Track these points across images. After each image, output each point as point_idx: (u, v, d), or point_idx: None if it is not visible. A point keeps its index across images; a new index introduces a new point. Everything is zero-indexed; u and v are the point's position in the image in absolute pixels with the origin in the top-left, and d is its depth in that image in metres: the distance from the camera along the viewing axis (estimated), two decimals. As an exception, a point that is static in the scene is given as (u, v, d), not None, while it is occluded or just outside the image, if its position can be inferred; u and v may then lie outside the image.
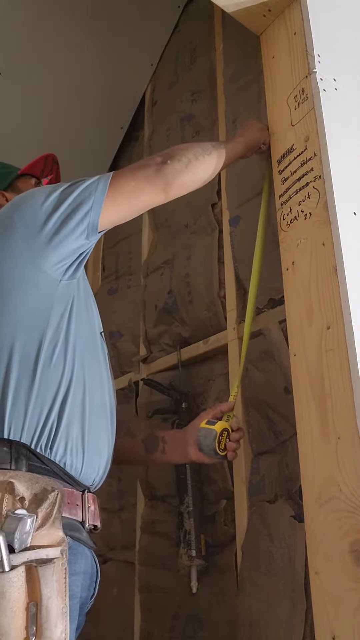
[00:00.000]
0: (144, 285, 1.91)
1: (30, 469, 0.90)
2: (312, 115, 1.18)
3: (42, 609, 0.77)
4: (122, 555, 1.71)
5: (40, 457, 0.93)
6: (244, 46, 1.68)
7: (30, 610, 0.76)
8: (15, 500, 0.83)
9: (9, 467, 0.88)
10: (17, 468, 0.89)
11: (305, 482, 1.00)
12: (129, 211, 1.15)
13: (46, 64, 2.10)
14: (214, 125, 1.80)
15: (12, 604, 0.75)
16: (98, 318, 1.17)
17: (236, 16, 1.40)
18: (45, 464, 0.93)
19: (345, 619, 0.86)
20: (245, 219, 1.51)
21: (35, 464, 0.91)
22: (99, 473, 1.05)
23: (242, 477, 1.31)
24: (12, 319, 0.99)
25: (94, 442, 1.02)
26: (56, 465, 0.95)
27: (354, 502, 0.89)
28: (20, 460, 0.90)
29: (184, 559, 1.35)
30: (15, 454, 0.90)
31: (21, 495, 0.83)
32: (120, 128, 2.38)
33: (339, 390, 0.97)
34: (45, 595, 0.78)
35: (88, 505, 0.99)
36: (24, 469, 0.89)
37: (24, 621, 0.76)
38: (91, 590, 1.00)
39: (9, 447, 0.90)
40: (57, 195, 1.06)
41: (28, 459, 0.91)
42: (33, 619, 0.76)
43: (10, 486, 0.83)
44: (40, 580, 0.78)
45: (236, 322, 1.46)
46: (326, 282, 1.05)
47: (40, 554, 0.81)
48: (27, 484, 0.85)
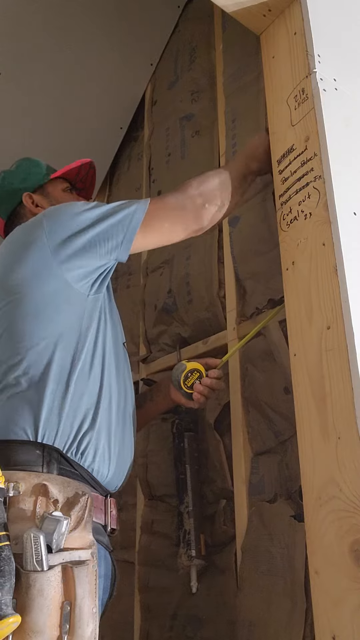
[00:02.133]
0: (143, 285, 1.91)
1: (61, 473, 0.92)
2: (312, 115, 1.18)
3: (75, 608, 0.81)
4: (122, 555, 1.71)
5: (71, 461, 0.95)
6: (243, 46, 1.68)
7: (64, 609, 0.80)
8: (50, 503, 0.86)
9: (41, 470, 0.90)
10: (48, 471, 0.91)
11: (305, 482, 1.00)
12: (156, 245, 1.20)
13: (46, 64, 2.10)
14: (213, 125, 1.80)
15: (49, 602, 0.79)
16: (121, 329, 1.21)
17: (236, 16, 1.40)
18: (75, 468, 0.95)
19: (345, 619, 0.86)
20: (245, 219, 1.51)
21: (65, 468, 0.94)
22: (122, 479, 1.08)
23: (242, 477, 1.31)
24: (49, 333, 1.01)
25: (120, 450, 1.05)
26: (85, 470, 0.97)
27: (354, 502, 0.89)
28: (52, 463, 0.92)
29: (184, 558, 1.35)
30: (48, 457, 0.92)
31: (55, 497, 0.87)
32: (120, 128, 2.38)
33: (339, 390, 0.97)
34: (79, 595, 0.82)
35: (110, 510, 1.01)
36: (55, 472, 0.91)
37: (58, 619, 0.79)
38: (108, 592, 1.03)
39: (41, 451, 0.92)
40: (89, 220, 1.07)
41: (59, 463, 0.93)
42: (66, 618, 0.80)
43: (44, 488, 0.86)
44: (75, 580, 0.82)
45: (236, 322, 1.46)
46: (326, 282, 1.05)
47: (74, 555, 0.84)
48: (59, 487, 0.88)
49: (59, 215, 1.09)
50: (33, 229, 1.09)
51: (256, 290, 1.42)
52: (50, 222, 1.07)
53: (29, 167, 1.39)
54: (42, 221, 1.08)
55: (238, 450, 1.33)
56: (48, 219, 1.08)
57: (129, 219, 1.08)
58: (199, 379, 1.26)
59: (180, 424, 1.49)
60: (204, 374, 1.26)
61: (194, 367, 1.26)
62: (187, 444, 1.45)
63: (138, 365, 1.81)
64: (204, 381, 1.25)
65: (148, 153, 2.14)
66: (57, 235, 1.05)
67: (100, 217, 1.07)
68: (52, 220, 1.07)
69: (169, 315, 1.72)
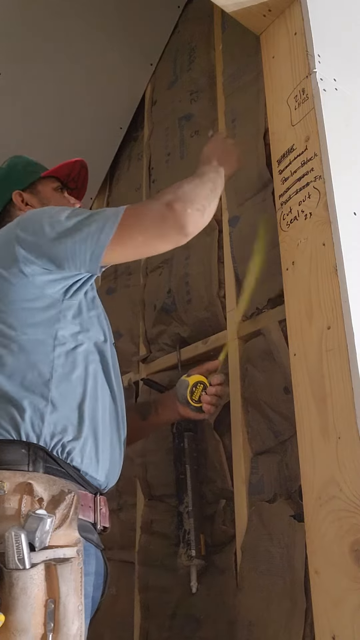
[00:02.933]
0: (143, 285, 1.91)
1: (47, 471, 0.92)
2: (313, 115, 1.18)
3: (59, 606, 0.81)
4: (122, 555, 1.71)
5: (57, 459, 0.95)
6: (243, 46, 1.68)
7: (48, 607, 0.80)
8: (34, 501, 0.86)
9: (27, 469, 0.90)
10: (34, 470, 0.91)
11: (305, 482, 1.00)
12: (133, 258, 1.17)
13: (46, 64, 2.10)
14: (213, 125, 1.80)
15: (32, 600, 0.79)
16: (109, 330, 1.19)
17: (236, 16, 1.40)
18: (61, 466, 0.95)
19: (345, 619, 0.86)
20: (245, 219, 1.51)
21: (52, 467, 0.93)
22: (111, 480, 1.08)
23: (242, 477, 1.31)
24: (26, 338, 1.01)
25: (107, 453, 1.04)
26: (72, 468, 0.97)
27: (354, 501, 0.89)
28: (37, 462, 0.92)
29: (184, 558, 1.35)
30: (33, 456, 0.92)
31: (40, 496, 0.87)
32: (120, 128, 2.37)
33: (339, 390, 0.97)
34: (63, 593, 0.82)
35: (100, 508, 1.02)
36: (41, 471, 0.91)
37: (42, 617, 0.79)
38: (100, 590, 1.03)
39: (27, 450, 0.92)
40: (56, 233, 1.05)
41: (45, 462, 0.93)
42: (51, 616, 0.80)
43: (29, 487, 0.87)
44: (59, 578, 0.82)
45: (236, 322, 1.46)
46: (326, 282, 1.05)
47: (58, 553, 0.84)
48: (44, 485, 0.88)
49: (30, 223, 1.08)
50: (7, 235, 1.10)
51: (256, 290, 1.42)
52: (22, 229, 1.07)
53: (20, 164, 1.39)
54: (16, 229, 1.08)
55: (238, 450, 1.33)
56: (21, 227, 1.08)
57: (97, 235, 1.03)
58: (204, 390, 1.26)
59: (180, 424, 1.48)
60: (208, 384, 1.26)
61: (196, 380, 1.26)
62: (186, 444, 1.45)
63: (138, 365, 1.81)
64: (209, 390, 1.25)
65: (148, 153, 2.14)
66: (26, 244, 1.05)
67: (68, 231, 1.04)
68: (24, 228, 1.07)
69: (169, 315, 1.72)
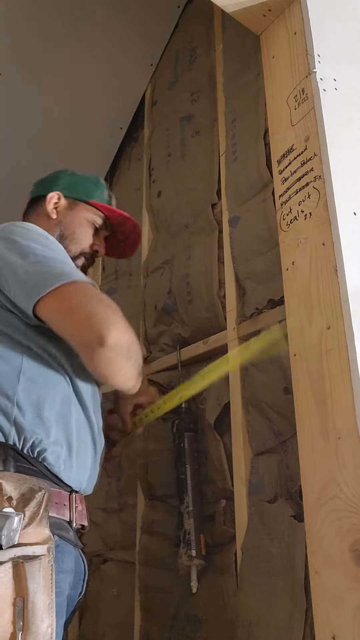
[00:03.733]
0: (143, 285, 1.91)
1: (18, 470, 0.91)
2: (312, 115, 1.18)
3: (28, 604, 0.79)
4: (122, 555, 1.71)
5: (28, 458, 0.94)
6: (243, 46, 1.68)
7: (17, 606, 0.79)
8: (3, 500, 0.85)
9: None
10: (4, 469, 0.90)
11: (305, 482, 1.00)
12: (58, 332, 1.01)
13: (46, 65, 2.10)
14: (213, 125, 1.80)
15: (0, 599, 0.77)
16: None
17: (236, 16, 1.40)
18: (33, 465, 0.94)
19: (346, 619, 0.86)
20: (245, 219, 1.51)
21: (23, 465, 0.93)
22: (86, 487, 1.06)
23: (242, 477, 1.31)
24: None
25: (81, 457, 1.03)
26: (44, 466, 0.96)
27: (354, 501, 0.89)
28: (8, 461, 0.91)
29: (184, 558, 1.35)
30: (3, 455, 0.91)
31: (8, 494, 0.85)
32: (120, 128, 2.38)
33: (339, 390, 0.97)
34: (31, 591, 0.80)
35: (75, 505, 1.00)
36: (12, 470, 0.90)
37: (10, 616, 0.78)
38: (79, 588, 1.02)
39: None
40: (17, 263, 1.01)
41: (16, 460, 0.92)
42: (20, 614, 0.78)
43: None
44: (27, 576, 0.81)
45: (236, 322, 1.46)
46: (326, 282, 1.05)
47: (27, 550, 0.83)
48: (14, 484, 0.87)
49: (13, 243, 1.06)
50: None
51: (256, 290, 1.42)
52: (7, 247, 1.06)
53: (86, 181, 1.36)
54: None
55: (238, 450, 1.33)
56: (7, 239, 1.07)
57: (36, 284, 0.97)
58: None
59: (180, 424, 1.49)
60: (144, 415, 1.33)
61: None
62: (187, 444, 1.45)
63: (138, 365, 1.81)
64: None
65: (148, 153, 2.14)
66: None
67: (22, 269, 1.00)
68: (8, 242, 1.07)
69: (169, 315, 1.72)
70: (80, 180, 1.36)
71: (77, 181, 1.35)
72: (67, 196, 1.32)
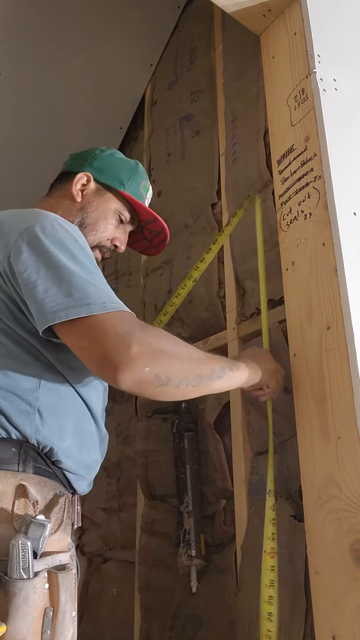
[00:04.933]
0: (143, 285, 1.91)
1: (37, 472, 0.89)
2: (312, 115, 1.18)
3: (58, 614, 0.79)
4: (122, 555, 1.71)
5: (46, 460, 0.92)
6: (243, 46, 1.68)
7: (46, 615, 0.78)
8: (28, 504, 0.83)
9: (17, 469, 0.87)
10: (24, 470, 0.88)
11: (305, 482, 1.00)
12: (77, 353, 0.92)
13: (46, 64, 2.10)
14: (213, 125, 1.80)
15: (33, 610, 0.77)
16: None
17: (236, 16, 1.40)
18: (49, 467, 0.93)
19: (346, 619, 0.86)
20: (245, 219, 1.51)
21: (41, 467, 0.91)
22: (86, 488, 1.05)
23: (242, 477, 1.31)
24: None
25: (89, 464, 1.02)
26: (59, 469, 0.95)
27: (354, 501, 0.89)
28: (28, 462, 0.89)
29: (184, 558, 1.35)
30: (24, 455, 0.89)
31: (35, 499, 0.84)
32: (120, 128, 2.38)
33: (339, 390, 0.97)
34: (62, 601, 0.80)
35: (77, 507, 0.99)
36: (31, 471, 0.88)
37: (40, 626, 0.77)
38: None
39: (17, 449, 0.89)
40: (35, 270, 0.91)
41: (35, 461, 0.90)
42: (48, 624, 0.78)
43: (22, 489, 0.84)
44: (60, 586, 0.80)
45: (236, 322, 1.46)
46: (326, 282, 1.05)
47: (55, 560, 0.82)
48: (37, 487, 0.86)
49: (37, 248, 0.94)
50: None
51: (256, 290, 1.42)
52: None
53: (127, 167, 1.23)
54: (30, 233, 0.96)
55: (238, 450, 1.33)
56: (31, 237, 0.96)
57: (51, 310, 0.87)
58: None
59: (180, 424, 1.49)
60: None
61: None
62: (187, 444, 1.45)
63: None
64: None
65: (148, 153, 2.14)
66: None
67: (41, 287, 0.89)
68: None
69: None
70: (117, 164, 1.23)
71: (113, 164, 1.22)
72: (98, 180, 1.19)
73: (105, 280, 0.97)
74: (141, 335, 0.86)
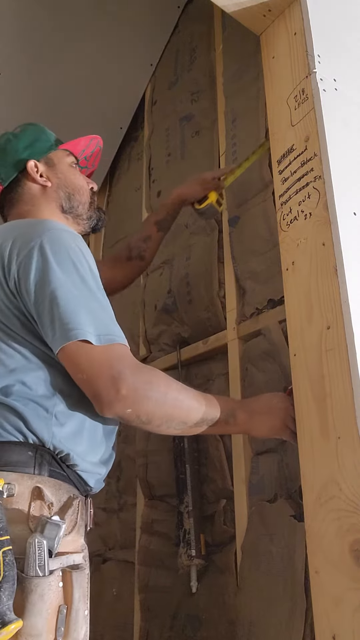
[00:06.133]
0: (143, 285, 1.91)
1: (51, 475, 0.91)
2: (312, 115, 1.18)
3: (72, 612, 0.82)
4: (122, 555, 1.71)
5: (60, 463, 0.94)
6: (243, 46, 1.68)
7: (60, 612, 0.81)
8: (44, 506, 0.86)
9: (33, 472, 0.89)
10: (40, 473, 0.90)
11: (305, 482, 1.00)
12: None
13: (46, 64, 2.10)
14: (213, 125, 1.80)
15: (48, 606, 0.79)
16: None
17: (236, 16, 1.40)
18: (64, 470, 0.94)
19: (345, 618, 0.86)
20: (245, 219, 1.52)
21: (55, 470, 0.92)
22: (98, 487, 1.06)
23: (242, 477, 1.31)
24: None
25: (103, 466, 1.03)
26: (73, 472, 0.96)
27: (354, 501, 0.89)
28: (43, 465, 0.91)
29: (184, 558, 1.35)
30: (40, 459, 0.91)
31: (50, 500, 0.87)
32: (120, 128, 2.38)
33: (339, 390, 0.97)
34: (76, 599, 0.83)
35: (90, 509, 1.00)
36: (46, 474, 0.90)
37: (54, 623, 0.80)
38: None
39: (33, 452, 0.91)
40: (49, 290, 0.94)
41: (50, 465, 0.92)
42: (62, 621, 0.81)
43: (38, 491, 0.86)
44: (74, 584, 0.83)
45: (236, 322, 1.46)
46: (326, 282, 1.05)
47: (70, 560, 0.85)
48: (52, 490, 0.88)
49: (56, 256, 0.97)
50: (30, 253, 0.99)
51: (256, 290, 1.42)
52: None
53: (35, 133, 1.26)
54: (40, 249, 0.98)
55: (238, 450, 1.33)
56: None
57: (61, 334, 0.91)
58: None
59: (180, 423, 1.49)
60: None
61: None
62: (186, 444, 1.45)
63: (138, 365, 1.81)
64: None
65: (148, 153, 2.14)
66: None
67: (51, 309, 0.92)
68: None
69: (169, 315, 1.72)
70: (34, 137, 1.25)
71: (33, 139, 1.25)
72: (39, 159, 1.21)
73: (109, 303, 1.00)
74: (132, 380, 0.91)
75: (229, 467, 1.39)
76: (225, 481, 1.39)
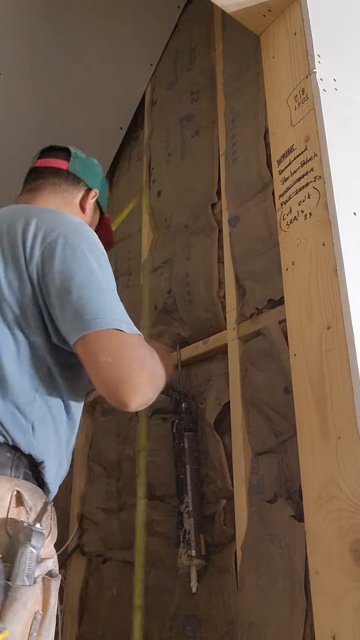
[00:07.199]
0: (143, 285, 1.91)
1: (26, 478, 0.90)
2: (312, 115, 1.18)
3: (46, 618, 0.82)
4: (121, 555, 1.71)
5: (33, 468, 0.93)
6: (243, 46, 1.68)
7: (35, 619, 0.81)
8: (22, 511, 0.85)
9: (9, 474, 0.88)
10: (16, 475, 0.89)
11: (305, 482, 1.00)
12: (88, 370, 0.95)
13: (46, 64, 2.10)
14: (213, 125, 1.80)
15: (28, 614, 0.79)
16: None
17: (236, 16, 1.40)
18: (33, 475, 0.93)
19: (345, 618, 0.86)
20: (244, 220, 1.51)
21: (29, 473, 0.92)
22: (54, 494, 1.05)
23: (242, 477, 1.31)
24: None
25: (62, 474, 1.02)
26: (41, 478, 0.95)
27: (354, 501, 0.89)
28: (19, 467, 0.90)
29: (184, 558, 1.35)
30: (17, 461, 0.90)
31: (30, 505, 0.86)
32: (120, 128, 2.38)
33: (339, 390, 0.97)
34: (52, 605, 0.83)
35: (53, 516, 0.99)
36: (21, 477, 0.89)
37: (29, 628, 0.80)
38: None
39: (12, 454, 0.90)
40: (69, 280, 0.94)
41: (25, 468, 0.91)
42: (35, 627, 0.81)
43: (19, 495, 0.85)
44: (52, 591, 0.83)
45: (236, 322, 1.46)
46: (326, 282, 1.05)
47: (46, 566, 0.84)
48: (29, 494, 0.87)
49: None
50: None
51: (256, 290, 1.42)
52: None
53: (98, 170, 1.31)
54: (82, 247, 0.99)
55: (238, 450, 1.33)
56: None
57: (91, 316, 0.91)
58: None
59: (180, 424, 1.49)
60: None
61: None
62: (187, 444, 1.45)
63: (138, 365, 1.81)
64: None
65: (148, 153, 2.14)
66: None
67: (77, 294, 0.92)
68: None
69: (169, 315, 1.72)
70: (104, 186, 1.31)
71: (104, 186, 1.30)
72: (97, 200, 1.27)
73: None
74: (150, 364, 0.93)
75: (229, 467, 1.38)
76: (225, 481, 1.39)
